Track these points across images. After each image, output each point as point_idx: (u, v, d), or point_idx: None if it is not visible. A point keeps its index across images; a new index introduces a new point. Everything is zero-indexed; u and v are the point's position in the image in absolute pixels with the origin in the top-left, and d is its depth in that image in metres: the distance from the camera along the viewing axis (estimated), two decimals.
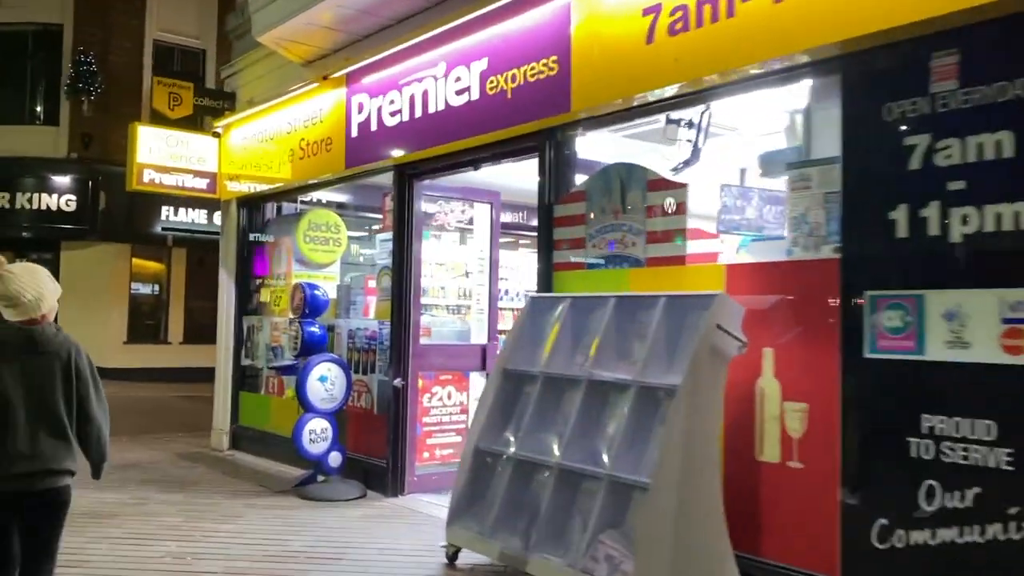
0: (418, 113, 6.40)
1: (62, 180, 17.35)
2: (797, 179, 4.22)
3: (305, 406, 6.81)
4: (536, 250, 5.68)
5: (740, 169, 6.27)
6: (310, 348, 7.19)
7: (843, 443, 3.91)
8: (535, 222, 10.92)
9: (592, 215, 5.25)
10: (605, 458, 4.32)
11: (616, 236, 5.10)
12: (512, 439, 4.94)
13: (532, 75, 5.41)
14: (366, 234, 9.84)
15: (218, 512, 6.24)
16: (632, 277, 5.00)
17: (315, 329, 7.25)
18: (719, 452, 4.20)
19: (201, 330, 19.07)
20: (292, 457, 7.81)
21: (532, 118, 5.45)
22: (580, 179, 5.59)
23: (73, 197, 17.33)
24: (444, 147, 6.25)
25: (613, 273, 5.12)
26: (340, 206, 9.18)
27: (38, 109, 18.14)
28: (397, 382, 6.79)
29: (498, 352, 7.30)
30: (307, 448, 6.80)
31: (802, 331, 4.17)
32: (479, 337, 7.39)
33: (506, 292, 9.15)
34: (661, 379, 4.29)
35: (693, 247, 4.74)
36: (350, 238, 8.85)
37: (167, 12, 18.92)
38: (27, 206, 17.14)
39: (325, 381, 6.91)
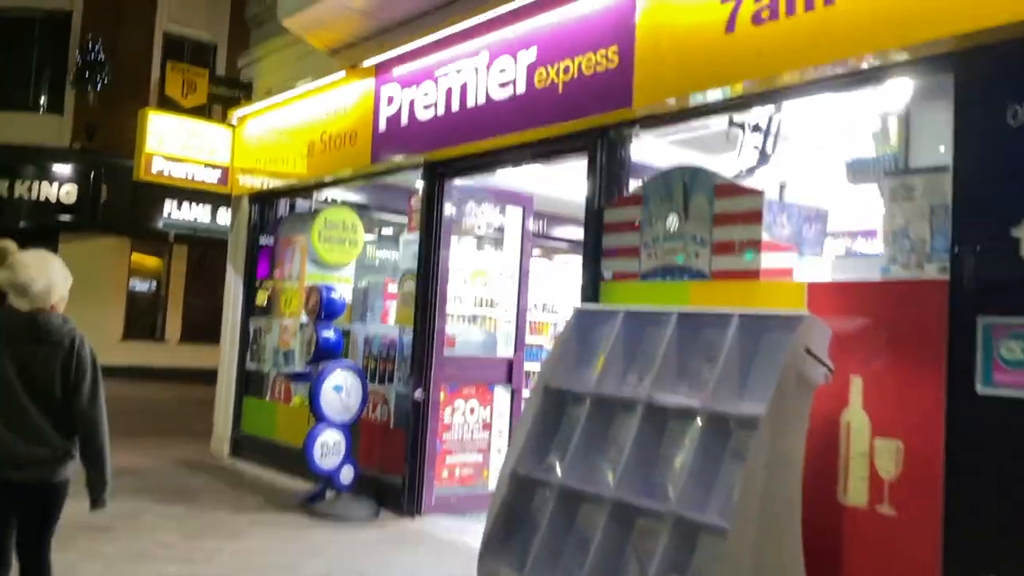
0: (455, 106, 5.95)
1: (63, 170, 16.85)
2: (898, 189, 3.76)
3: (318, 416, 6.32)
4: (582, 258, 5.21)
5: (779, 184, 5.86)
6: (324, 354, 6.70)
7: (947, 488, 3.44)
8: (556, 231, 10.59)
9: (649, 222, 4.79)
10: (670, 494, 3.84)
11: (677, 245, 4.64)
12: (557, 466, 4.45)
13: (588, 67, 4.96)
14: (377, 236, 9.40)
15: (220, 529, 5.74)
16: (694, 291, 4.54)
17: (330, 334, 6.77)
18: (800, 492, 3.72)
19: (199, 329, 18.61)
20: (298, 469, 7.33)
21: (585, 114, 5.00)
22: (632, 184, 5.14)
23: (74, 188, 16.83)
24: (481, 144, 5.80)
25: (672, 286, 4.65)
26: (354, 206, 8.71)
27: (42, 97, 17.65)
28: (418, 394, 6.31)
29: (530, 367, 6.91)
30: (318, 462, 6.30)
31: (898, 359, 3.70)
32: (505, 349, 6.92)
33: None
34: (734, 407, 3.83)
35: (767, 261, 4.28)
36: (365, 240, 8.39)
37: (178, 3, 18.49)
38: (26, 195, 16.63)
39: (340, 391, 6.42)
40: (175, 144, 8.52)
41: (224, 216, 18.00)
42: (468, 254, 6.94)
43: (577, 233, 10.51)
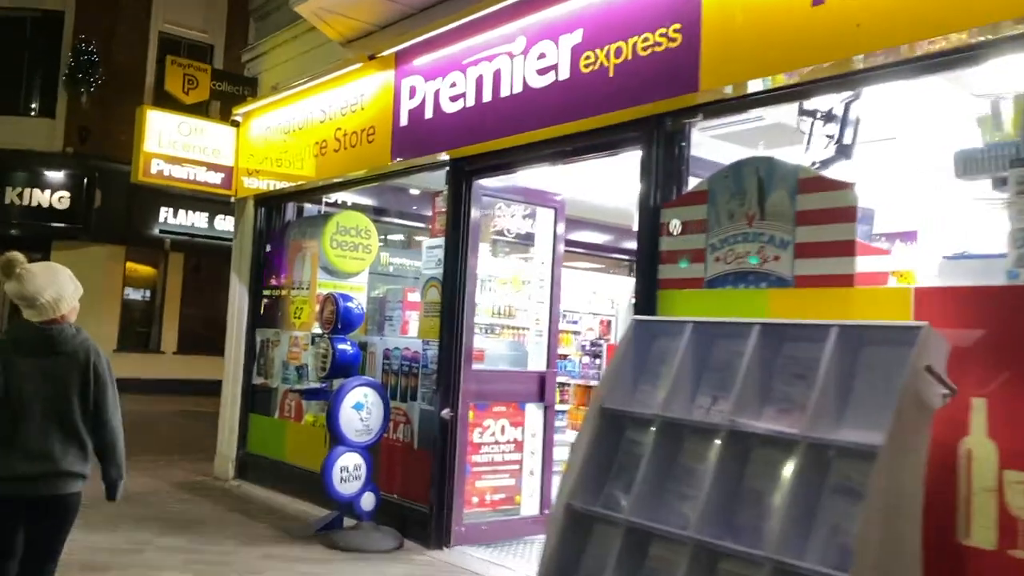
0: (486, 97, 5.42)
1: (56, 176, 16.28)
2: None
3: (337, 438, 5.77)
4: (636, 264, 4.69)
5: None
6: (341, 369, 6.16)
7: None
8: (572, 235, 10.05)
9: (716, 222, 4.26)
10: (767, 535, 3.30)
11: (751, 248, 4.11)
12: (620, 499, 3.91)
13: (644, 48, 4.44)
14: (384, 241, 8.85)
15: (231, 566, 5.18)
16: (773, 300, 4.01)
17: (347, 347, 6.22)
18: (920, 534, 3.19)
19: (196, 340, 18.04)
20: (311, 493, 6.79)
21: (641, 101, 4.47)
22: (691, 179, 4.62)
23: (67, 194, 16.27)
24: (517, 138, 5.28)
25: (746, 294, 4.12)
26: (367, 209, 8.18)
27: (33, 99, 17.06)
28: (445, 413, 5.76)
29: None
30: (337, 488, 5.74)
31: None
32: (537, 363, 6.38)
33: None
34: (834, 434, 3.31)
35: (863, 264, 3.75)
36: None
37: (174, 3, 17.94)
38: (17, 201, 16.04)
39: (361, 409, 5.87)
40: (175, 144, 7.97)
41: (222, 223, 17.48)
42: (496, 260, 6.40)
43: (594, 237, 10.07)
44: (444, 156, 5.91)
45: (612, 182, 7.50)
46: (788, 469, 3.41)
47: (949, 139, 4.07)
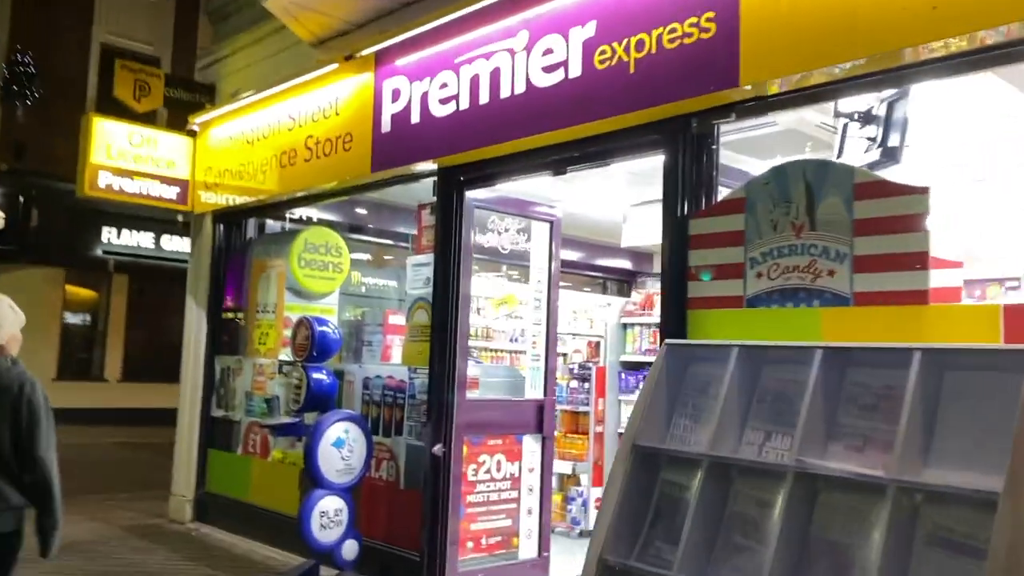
0: (483, 98, 4.90)
1: None
2: None
3: (316, 480, 5.14)
4: (660, 280, 4.20)
5: None
6: (317, 401, 5.53)
7: None
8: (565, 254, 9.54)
9: (756, 232, 3.80)
10: None
11: (800, 262, 3.66)
12: (664, 552, 3.40)
13: (671, 40, 3.97)
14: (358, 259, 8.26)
15: None
16: (828, 320, 3.55)
17: (323, 376, 5.60)
18: None
19: (143, 367, 17.12)
20: (280, 537, 6.18)
21: (668, 99, 4.00)
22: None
23: (0, 213, 15.22)
24: (518, 143, 4.77)
25: (794, 314, 3.66)
26: (336, 226, 7.59)
27: None
28: (437, 449, 5.20)
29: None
30: (317, 536, 5.11)
31: None
32: (534, 390, 5.84)
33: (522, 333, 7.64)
34: (921, 475, 2.86)
35: (937, 279, 3.32)
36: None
37: (117, 14, 17.10)
38: None
39: (342, 446, 5.25)
40: (126, 155, 7.29)
41: (170, 242, 16.65)
42: (488, 281, 5.87)
43: (566, 254, 9.60)
44: (432, 165, 5.38)
45: (585, 195, 7.08)
46: (868, 516, 2.95)
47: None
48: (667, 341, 3.83)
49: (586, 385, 7.45)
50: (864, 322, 3.43)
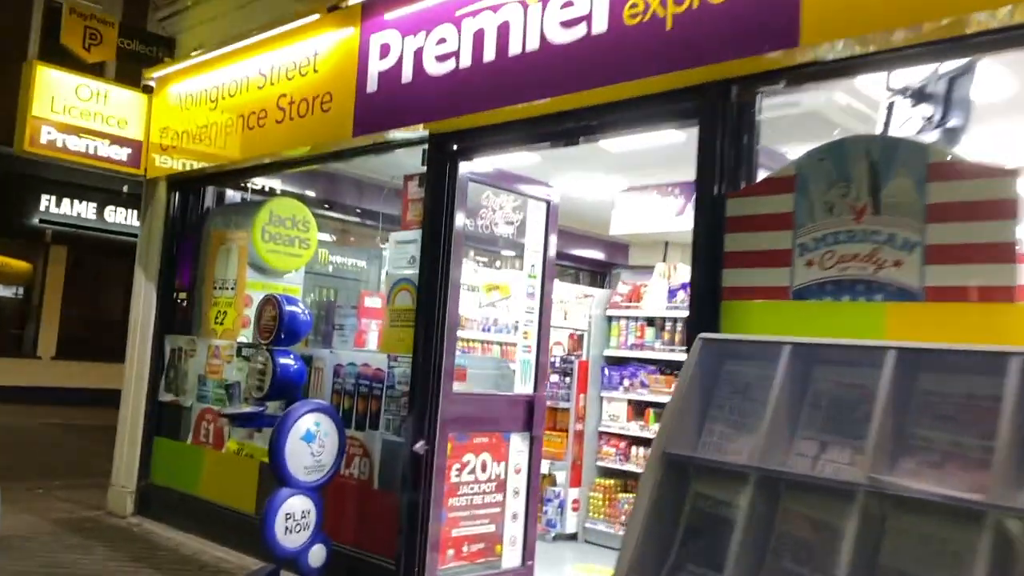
0: (488, 56, 4.37)
1: None
2: None
3: (283, 478, 4.57)
4: (692, 266, 3.74)
5: None
6: (283, 388, 4.95)
7: None
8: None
9: (808, 215, 3.36)
10: None
11: (861, 250, 3.22)
12: None
13: None
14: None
15: None
16: (893, 316, 3.12)
17: (290, 362, 5.01)
18: None
19: (79, 344, 16.17)
20: (233, 536, 5.63)
21: (712, 59, 3.53)
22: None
23: None
24: (526, 108, 4.26)
25: (852, 308, 3.22)
26: (304, 199, 6.99)
27: None
28: (419, 446, 4.68)
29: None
30: (281, 541, 4.54)
31: None
32: (524, 385, 5.35)
33: (495, 322, 7.15)
34: (1015, 499, 2.44)
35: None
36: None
37: None
38: None
39: (311, 441, 4.69)
40: (72, 110, 6.58)
41: (113, 214, 15.75)
42: (478, 266, 5.35)
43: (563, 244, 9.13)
44: (423, 131, 4.84)
45: (567, 177, 6.62)
46: (952, 546, 2.53)
47: None
48: (701, 335, 3.35)
49: (567, 380, 6.99)
50: (937, 320, 3.01)
